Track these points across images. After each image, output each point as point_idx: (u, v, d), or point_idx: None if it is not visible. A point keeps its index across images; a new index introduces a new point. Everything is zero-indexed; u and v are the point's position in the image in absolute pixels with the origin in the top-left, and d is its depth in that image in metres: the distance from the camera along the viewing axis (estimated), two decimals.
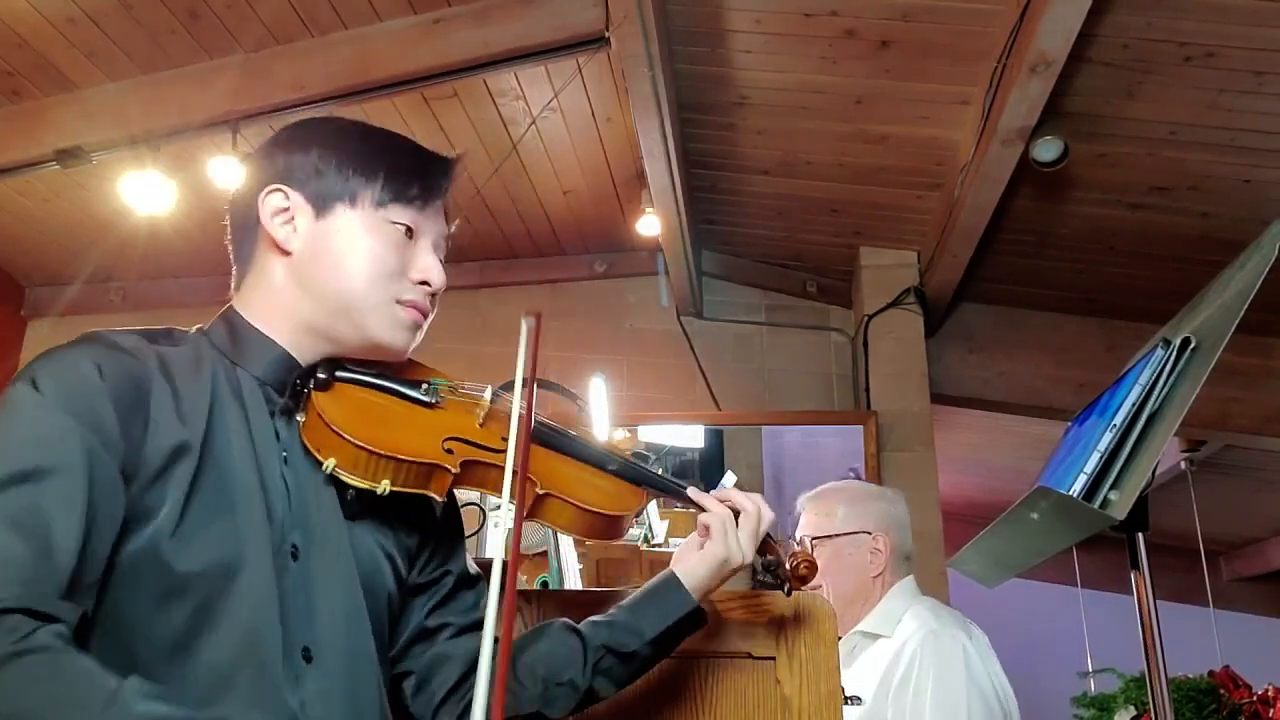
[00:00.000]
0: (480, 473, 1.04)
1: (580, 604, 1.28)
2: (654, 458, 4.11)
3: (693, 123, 3.43)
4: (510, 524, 0.86)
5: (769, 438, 4.10)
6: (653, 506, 3.42)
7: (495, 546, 2.26)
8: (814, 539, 2.05)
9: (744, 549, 1.13)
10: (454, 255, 1.18)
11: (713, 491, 1.19)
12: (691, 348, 4.23)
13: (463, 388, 1.12)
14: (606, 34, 2.76)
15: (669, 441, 4.16)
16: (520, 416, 0.90)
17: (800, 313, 4.27)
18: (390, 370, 1.09)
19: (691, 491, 1.18)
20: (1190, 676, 3.39)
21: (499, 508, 2.20)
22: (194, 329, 1.06)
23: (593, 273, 4.33)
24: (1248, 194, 3.10)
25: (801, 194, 3.72)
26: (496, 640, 0.71)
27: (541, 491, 1.05)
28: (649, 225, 3.71)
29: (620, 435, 4.09)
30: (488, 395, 1.11)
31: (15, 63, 3.11)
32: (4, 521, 0.80)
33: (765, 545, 1.18)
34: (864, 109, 3.17)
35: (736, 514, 1.15)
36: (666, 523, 3.38)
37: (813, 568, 1.19)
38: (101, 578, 0.86)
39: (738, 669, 1.30)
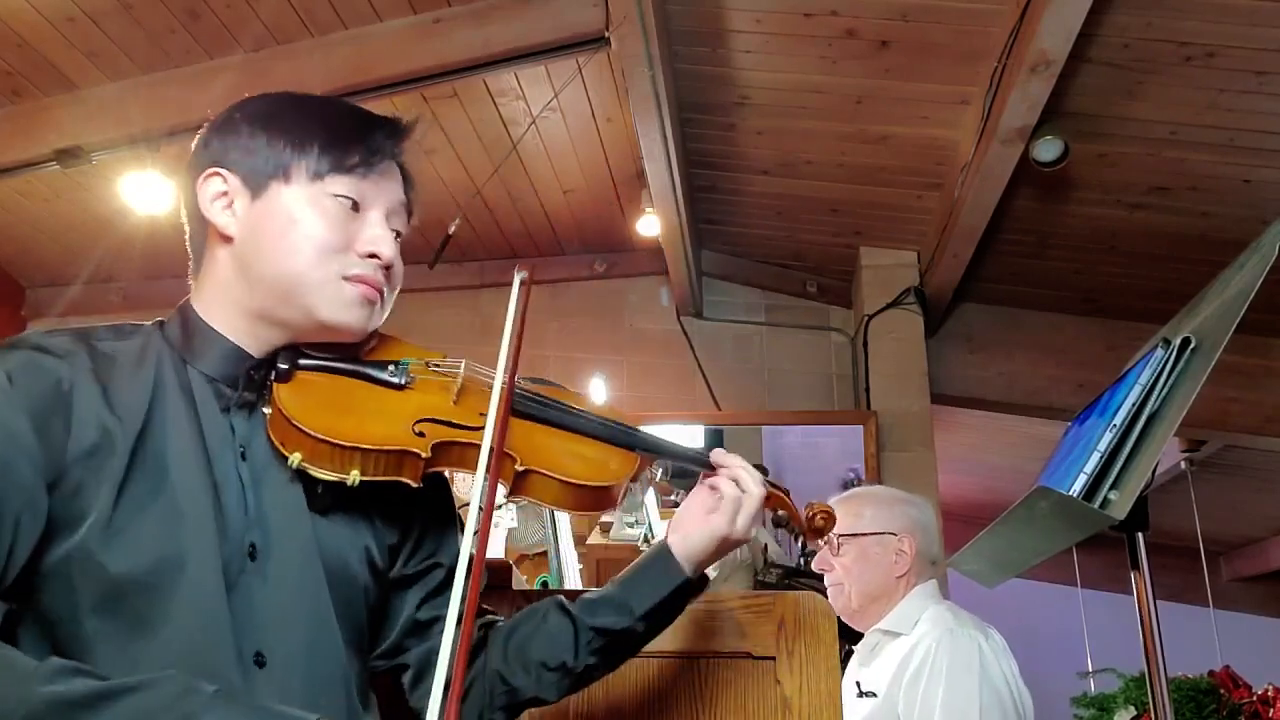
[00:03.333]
0: (456, 453, 0.99)
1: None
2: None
3: (693, 123, 3.43)
4: (481, 502, 0.85)
5: (769, 438, 4.10)
6: (652, 505, 3.41)
7: (496, 546, 2.27)
8: (841, 536, 2.10)
9: (747, 528, 1.07)
10: (454, 255, 1.16)
11: (715, 453, 1.11)
12: (691, 348, 4.23)
13: (435, 363, 1.06)
14: (606, 34, 2.76)
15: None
16: (501, 388, 0.87)
17: (800, 313, 4.27)
18: (356, 351, 1.04)
19: (699, 452, 1.12)
20: (1190, 676, 3.38)
21: (499, 507, 2.21)
22: (151, 322, 1.03)
23: (593, 273, 4.33)
24: (1248, 194, 3.10)
25: (801, 194, 3.72)
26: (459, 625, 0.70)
27: (521, 468, 0.99)
28: (649, 225, 3.71)
29: None
30: (462, 369, 1.06)
31: (15, 62, 3.11)
32: None
33: (776, 499, 1.13)
34: (864, 109, 3.17)
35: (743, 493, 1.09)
36: (666, 523, 3.37)
37: (830, 518, 1.15)
38: (30, 581, 0.85)
39: (738, 669, 1.30)
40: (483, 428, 0.96)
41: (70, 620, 0.86)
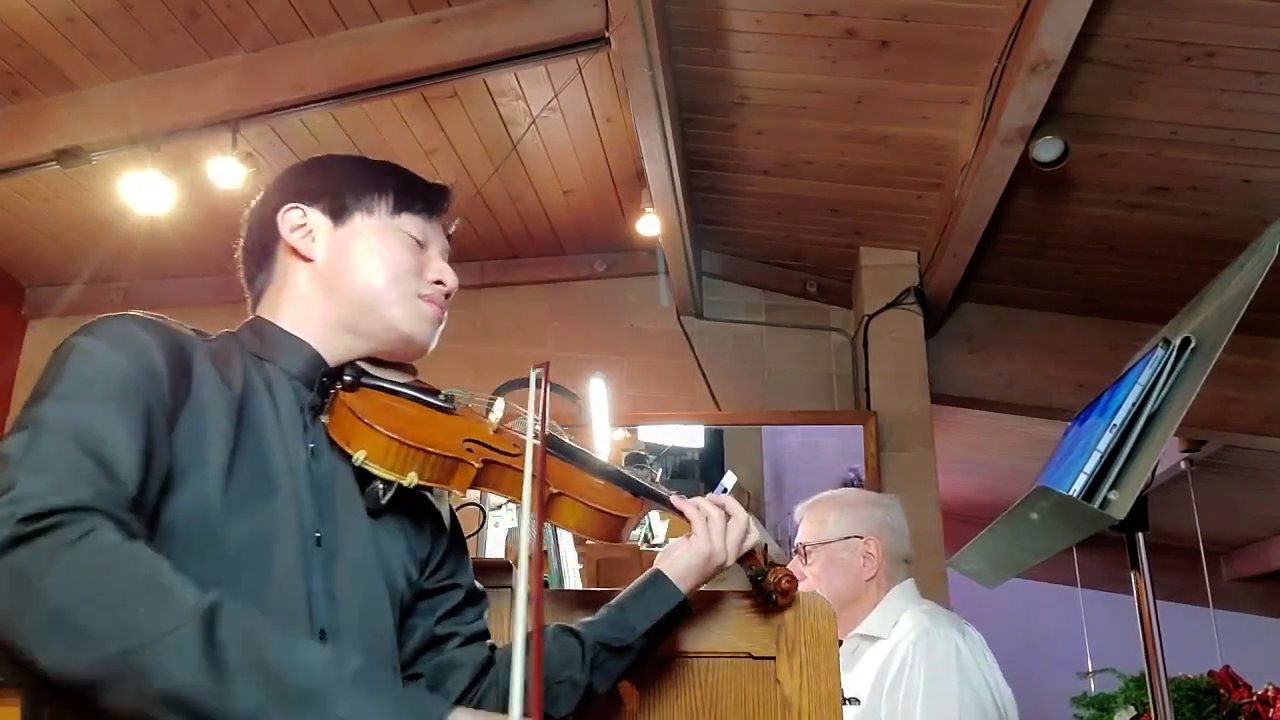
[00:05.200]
0: (496, 473, 1.08)
1: (581, 604, 1.29)
2: (652, 458, 4.10)
3: (693, 123, 3.43)
4: (529, 527, 0.91)
5: (769, 438, 4.10)
6: None
7: (498, 546, 2.27)
8: (808, 546, 2.09)
9: (728, 548, 1.18)
10: (454, 255, 1.22)
11: (709, 496, 1.23)
12: (691, 348, 4.23)
13: (474, 399, 1.18)
14: (606, 34, 2.76)
15: (669, 441, 4.16)
16: (533, 467, 0.95)
17: (800, 313, 4.27)
18: (408, 377, 1.15)
19: (675, 499, 1.22)
20: (1190, 676, 3.38)
21: (499, 508, 2.21)
22: (221, 332, 1.10)
23: (593, 273, 4.33)
24: (1248, 194, 3.10)
25: (801, 194, 3.72)
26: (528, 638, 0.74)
27: (555, 490, 1.10)
28: (649, 225, 3.71)
29: (620, 435, 4.09)
30: (499, 409, 1.16)
31: (15, 62, 3.11)
32: (71, 437, 0.82)
33: (751, 558, 1.22)
34: (864, 109, 3.17)
35: (728, 516, 1.20)
36: (666, 523, 3.38)
37: (793, 582, 1.24)
38: (152, 534, 0.87)
39: (738, 669, 1.30)
40: (518, 454, 1.08)
41: (207, 576, 0.87)
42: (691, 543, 1.18)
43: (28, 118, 3.27)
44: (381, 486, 1.02)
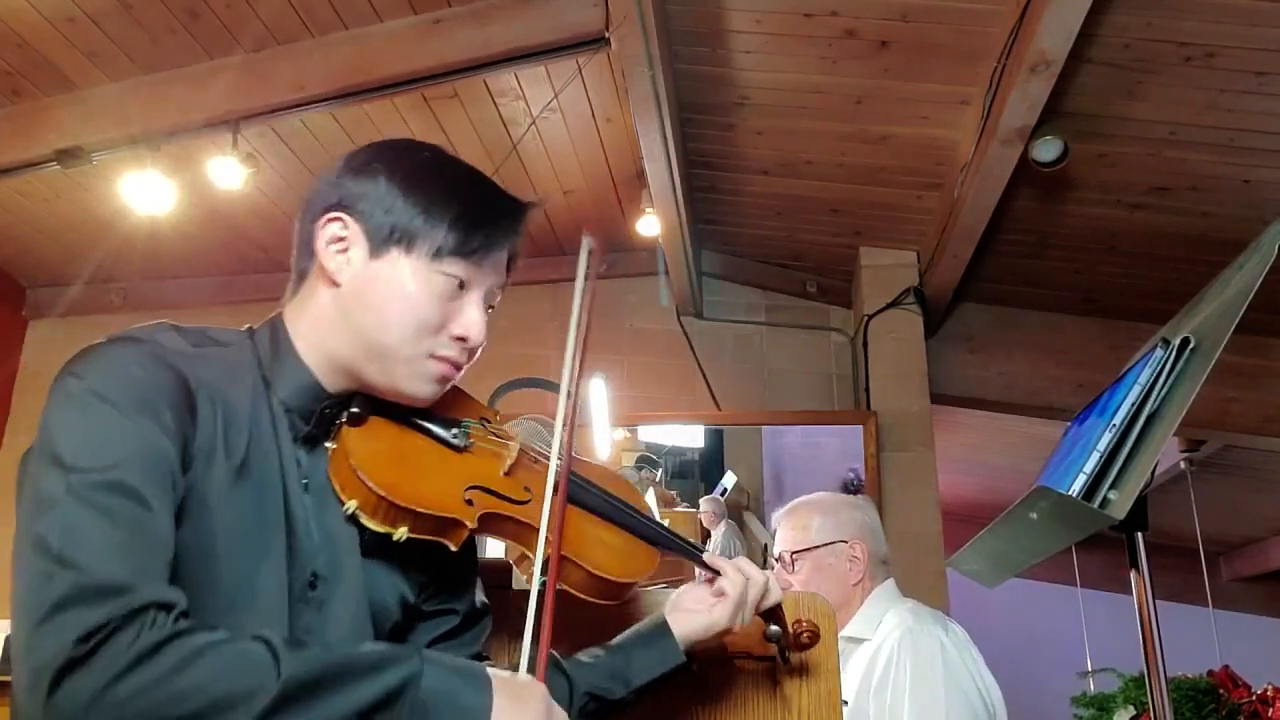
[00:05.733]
0: (498, 525, 1.04)
1: (580, 605, 1.28)
2: (659, 460, 4.10)
3: (693, 123, 3.43)
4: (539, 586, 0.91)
5: (769, 438, 4.10)
6: (652, 503, 3.42)
7: (496, 545, 2.26)
8: (793, 553, 2.08)
9: (746, 619, 1.15)
10: None
11: (730, 561, 1.17)
12: (691, 348, 4.23)
13: (494, 429, 1.13)
14: (606, 34, 2.76)
15: (669, 441, 4.16)
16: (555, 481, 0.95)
17: (800, 313, 4.27)
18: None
19: (709, 557, 1.17)
20: (1189, 676, 3.38)
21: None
22: (245, 327, 1.06)
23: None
24: (1248, 194, 3.10)
25: (801, 194, 3.72)
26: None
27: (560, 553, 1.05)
28: (649, 225, 3.71)
29: (620, 435, 4.09)
30: (515, 447, 1.11)
31: (15, 63, 3.11)
32: (108, 517, 0.80)
33: (773, 614, 1.19)
34: (864, 109, 3.17)
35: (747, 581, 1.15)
36: (666, 522, 3.38)
37: (815, 636, 1.21)
38: None
39: (738, 669, 1.30)
40: (527, 502, 1.04)
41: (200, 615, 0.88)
42: (713, 612, 1.13)
43: (28, 118, 3.27)
44: (369, 532, 0.99)
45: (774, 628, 1.19)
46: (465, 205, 1.04)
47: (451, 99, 3.29)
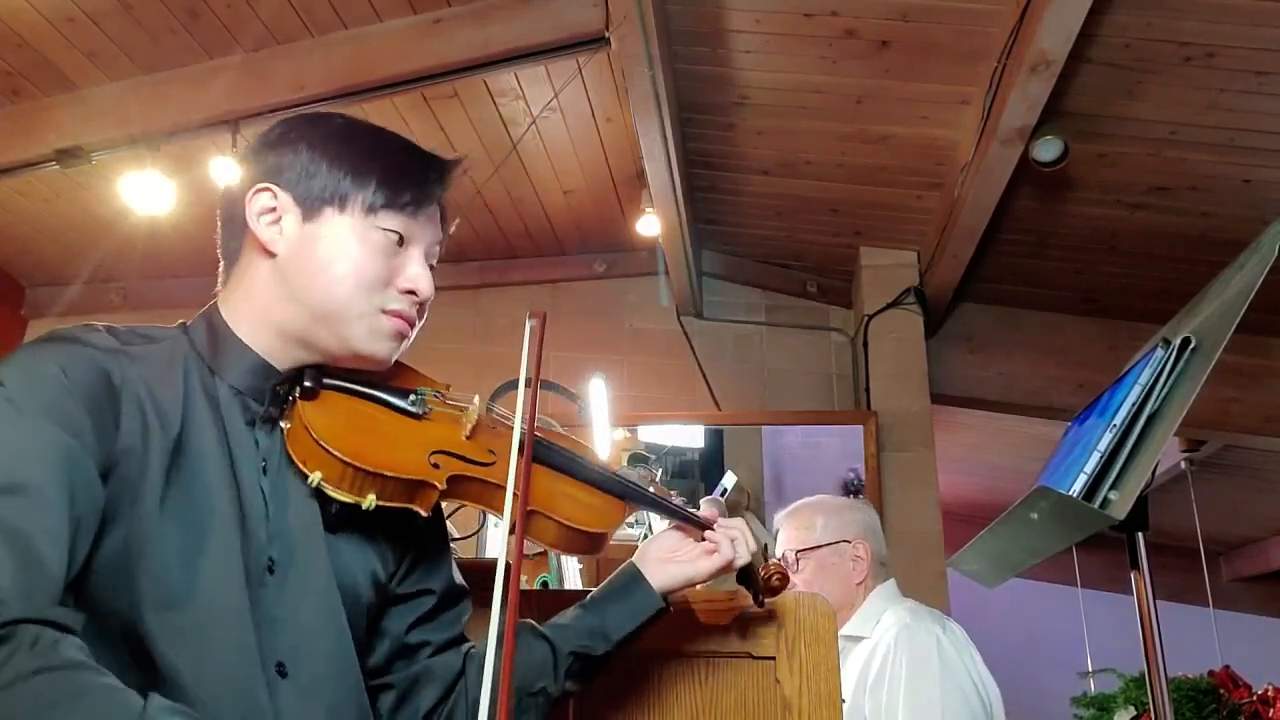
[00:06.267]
0: (465, 487, 1.02)
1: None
2: (653, 458, 4.10)
3: (693, 123, 3.43)
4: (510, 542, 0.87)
5: (769, 438, 4.10)
6: None
7: (497, 547, 2.27)
8: (797, 552, 2.09)
9: (720, 572, 1.15)
10: (454, 255, 1.17)
11: (721, 521, 1.18)
12: (691, 348, 4.23)
13: (450, 398, 1.10)
14: (606, 34, 2.76)
15: (669, 441, 4.15)
16: (521, 440, 0.90)
17: (800, 313, 4.27)
18: (378, 377, 1.06)
19: (700, 515, 1.18)
20: (1190, 676, 3.38)
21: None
22: (177, 324, 1.04)
23: (593, 273, 4.33)
24: (1248, 194, 3.10)
25: (801, 194, 3.72)
26: (499, 650, 0.72)
27: (531, 508, 1.03)
28: (649, 225, 3.71)
29: (620, 435, 4.08)
30: (474, 406, 1.09)
31: (15, 63, 3.11)
32: (6, 534, 0.76)
33: (749, 568, 1.19)
34: (864, 109, 3.17)
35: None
36: (666, 523, 3.38)
37: (784, 579, 1.20)
38: (87, 577, 0.84)
39: (738, 669, 1.30)
40: (492, 464, 1.02)
41: (132, 616, 0.85)
42: (700, 562, 1.14)
43: (28, 118, 3.27)
44: (335, 505, 0.97)
45: (744, 571, 1.19)
46: (390, 162, 1.03)
47: (451, 99, 3.29)
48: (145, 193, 3.19)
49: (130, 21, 2.97)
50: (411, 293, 1.02)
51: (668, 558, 1.16)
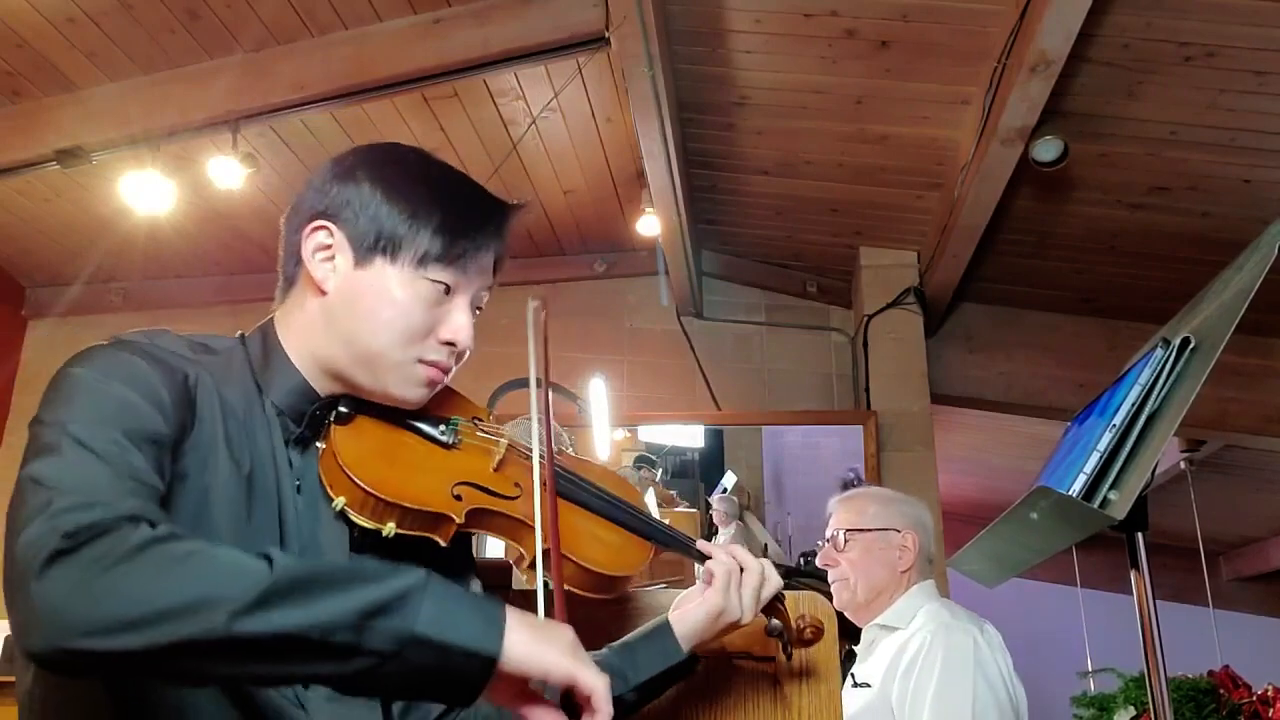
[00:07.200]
0: (488, 520, 1.05)
1: (584, 606, 1.28)
2: (658, 460, 4.09)
3: (693, 123, 3.43)
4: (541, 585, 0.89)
5: (769, 438, 4.10)
6: (653, 504, 3.41)
7: (497, 545, 2.26)
8: (846, 532, 2.15)
9: (744, 605, 1.13)
10: None
11: (721, 544, 1.18)
12: (691, 348, 4.23)
13: (484, 427, 1.13)
14: (606, 34, 2.76)
15: (669, 441, 4.16)
16: (542, 480, 0.93)
17: (800, 313, 4.27)
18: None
19: (700, 544, 1.18)
20: (1190, 676, 3.38)
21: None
22: (237, 334, 1.07)
23: (593, 273, 4.33)
24: (1248, 194, 3.10)
25: (801, 194, 3.72)
26: None
27: (545, 547, 1.03)
28: (649, 225, 3.71)
29: (620, 435, 4.09)
30: (504, 443, 1.11)
31: (15, 63, 3.11)
32: (98, 455, 0.81)
33: (774, 608, 1.19)
34: (864, 109, 3.17)
35: (741, 570, 1.15)
36: (667, 521, 3.38)
37: (818, 633, 1.20)
38: None
39: (738, 669, 1.30)
40: (517, 498, 1.05)
41: None
42: (706, 595, 1.13)
43: (28, 118, 3.27)
44: (358, 530, 1.00)
45: (775, 622, 1.19)
46: (449, 211, 1.03)
47: (451, 99, 3.29)
48: (145, 193, 3.19)
49: (130, 21, 2.97)
50: (451, 344, 1.04)
51: (688, 604, 1.16)
